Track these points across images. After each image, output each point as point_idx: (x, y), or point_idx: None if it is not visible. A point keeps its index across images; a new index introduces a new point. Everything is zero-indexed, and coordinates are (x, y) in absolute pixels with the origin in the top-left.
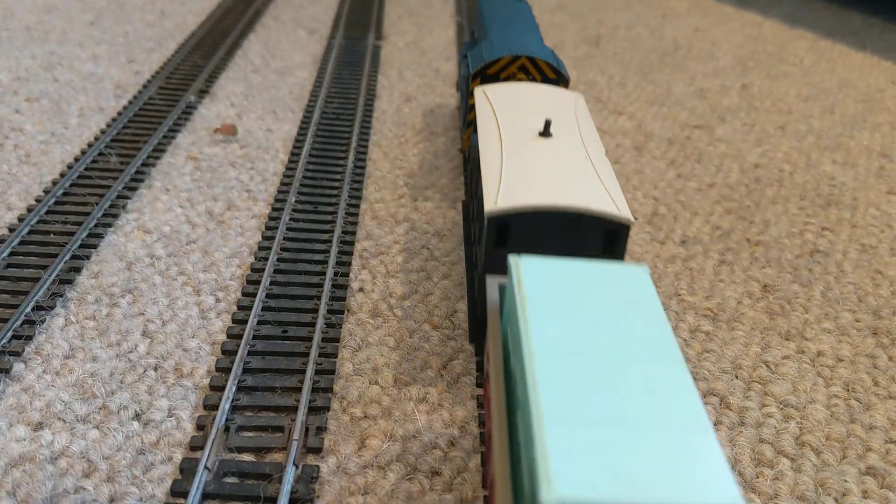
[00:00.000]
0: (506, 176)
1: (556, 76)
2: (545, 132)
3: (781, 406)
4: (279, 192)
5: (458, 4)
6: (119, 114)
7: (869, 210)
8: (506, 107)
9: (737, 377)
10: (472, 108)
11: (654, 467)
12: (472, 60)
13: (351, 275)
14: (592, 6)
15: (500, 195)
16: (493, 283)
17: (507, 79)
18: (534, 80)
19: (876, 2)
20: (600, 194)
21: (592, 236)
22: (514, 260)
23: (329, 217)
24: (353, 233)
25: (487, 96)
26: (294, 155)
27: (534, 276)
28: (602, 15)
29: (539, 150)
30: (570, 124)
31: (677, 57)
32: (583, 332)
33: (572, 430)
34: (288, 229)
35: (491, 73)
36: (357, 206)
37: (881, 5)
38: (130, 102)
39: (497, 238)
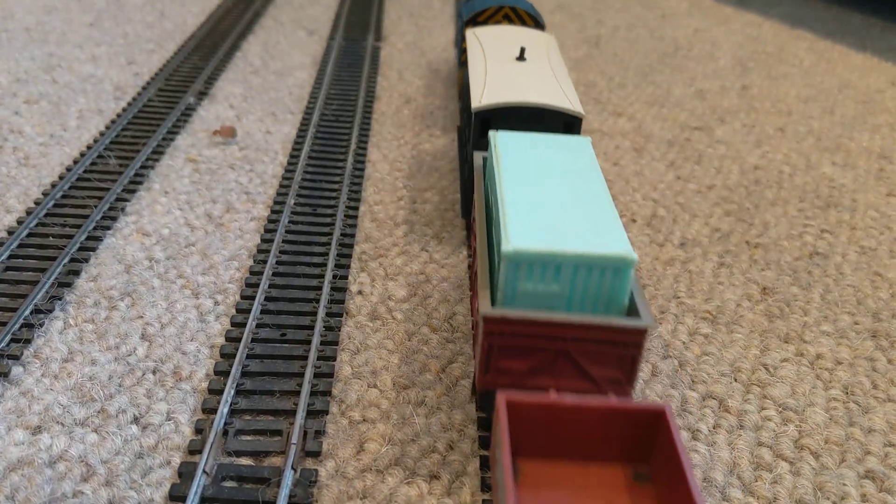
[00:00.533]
0: (488, 84)
1: (533, 23)
2: (520, 57)
3: (780, 409)
4: (278, 194)
5: (457, 5)
6: (118, 115)
7: (868, 212)
8: (490, 41)
9: (736, 380)
10: (465, 50)
11: (576, 236)
12: (465, 11)
13: (350, 277)
14: (592, 7)
15: (483, 97)
16: (478, 157)
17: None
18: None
19: (876, 2)
20: (560, 96)
21: (554, 127)
22: (492, 133)
23: (328, 219)
24: (352, 235)
25: (476, 35)
26: (293, 157)
27: (506, 142)
28: (602, 15)
29: (514, 68)
30: (541, 54)
31: (677, 58)
32: (538, 173)
33: (525, 219)
34: (287, 232)
35: (480, 20)
36: (356, 208)
37: (881, 5)
38: (130, 104)
39: (481, 129)
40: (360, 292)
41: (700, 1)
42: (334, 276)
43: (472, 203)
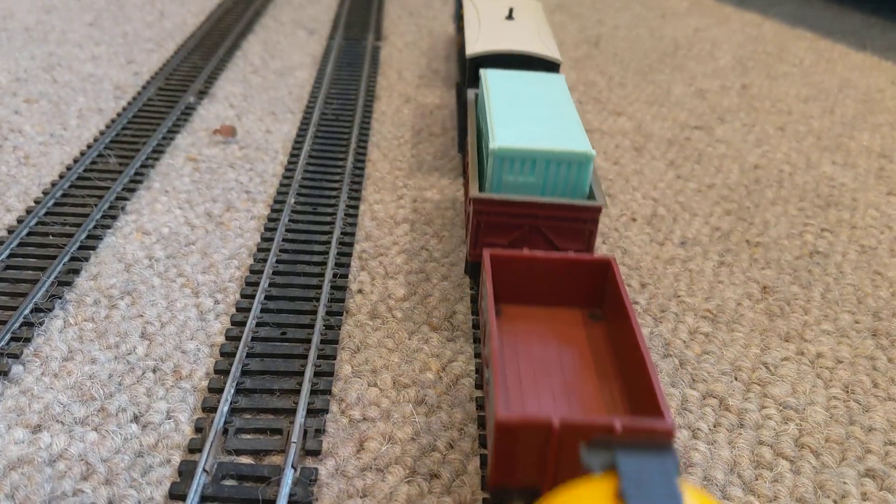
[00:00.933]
0: (480, 37)
1: None
2: (509, 16)
3: (781, 408)
4: (278, 193)
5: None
6: (118, 115)
7: (869, 211)
8: (484, 5)
9: (736, 379)
10: (462, 17)
11: (548, 138)
12: None
13: (350, 276)
14: (592, 6)
15: (476, 45)
16: (470, 93)
17: None
18: None
19: (876, 1)
20: (541, 46)
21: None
22: (482, 70)
23: (328, 218)
24: (353, 234)
25: (472, 2)
26: (293, 156)
27: (493, 76)
28: (602, 15)
29: (504, 25)
30: (527, 16)
31: (677, 57)
32: (519, 98)
33: (508, 127)
34: (287, 230)
35: None
36: (356, 207)
37: (881, 5)
38: (130, 103)
39: (474, 72)
40: (360, 291)
41: (700, 0)
42: (334, 275)
43: (465, 137)
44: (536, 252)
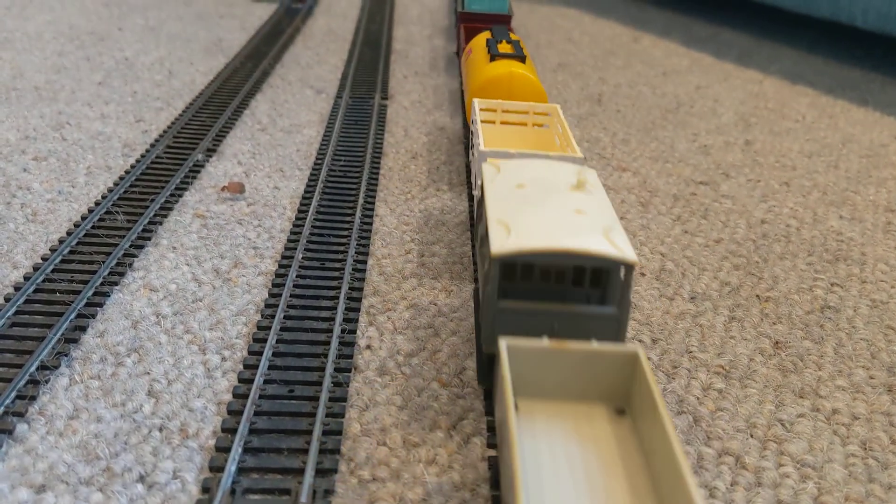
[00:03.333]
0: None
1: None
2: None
3: (798, 465)
4: (286, 248)
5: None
6: (127, 172)
7: (878, 265)
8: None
9: (752, 436)
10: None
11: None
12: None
13: (358, 332)
14: (593, 65)
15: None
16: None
17: None
18: None
19: (875, 57)
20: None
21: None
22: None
23: (336, 273)
24: (360, 289)
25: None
26: (301, 212)
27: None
28: (603, 73)
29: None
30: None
31: (680, 114)
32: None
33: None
34: (295, 286)
35: None
36: (364, 262)
37: (881, 61)
38: (138, 161)
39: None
40: (368, 347)
41: (700, 58)
42: (342, 331)
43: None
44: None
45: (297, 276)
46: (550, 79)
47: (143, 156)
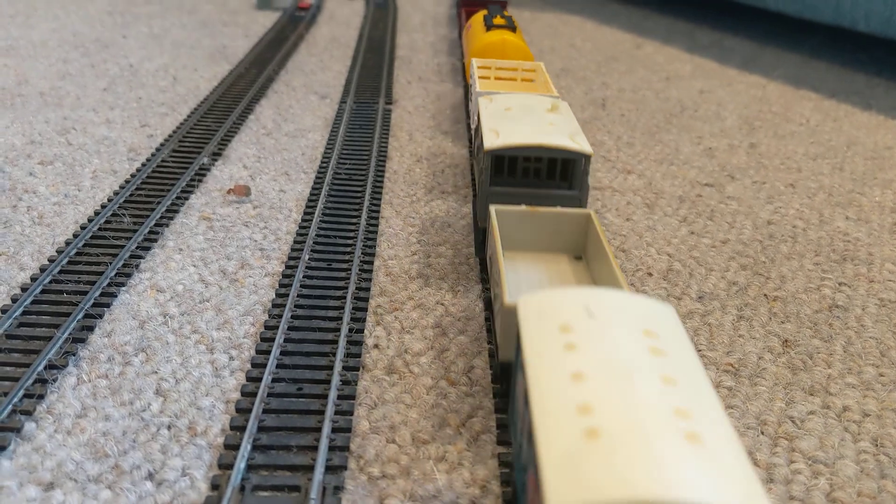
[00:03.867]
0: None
1: None
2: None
3: (810, 462)
4: (293, 250)
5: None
6: (132, 175)
7: (885, 265)
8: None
9: (762, 433)
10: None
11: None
12: None
13: (366, 331)
14: (597, 70)
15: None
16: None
17: None
18: None
19: (879, 62)
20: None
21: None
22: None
23: (343, 274)
24: (367, 289)
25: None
26: (307, 214)
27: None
28: (606, 78)
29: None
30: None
31: (683, 118)
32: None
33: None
34: (302, 286)
35: None
36: (370, 262)
37: (884, 65)
38: (144, 165)
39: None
40: (376, 346)
41: (703, 64)
42: (350, 330)
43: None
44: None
45: (303, 277)
46: (554, 84)
47: (148, 160)
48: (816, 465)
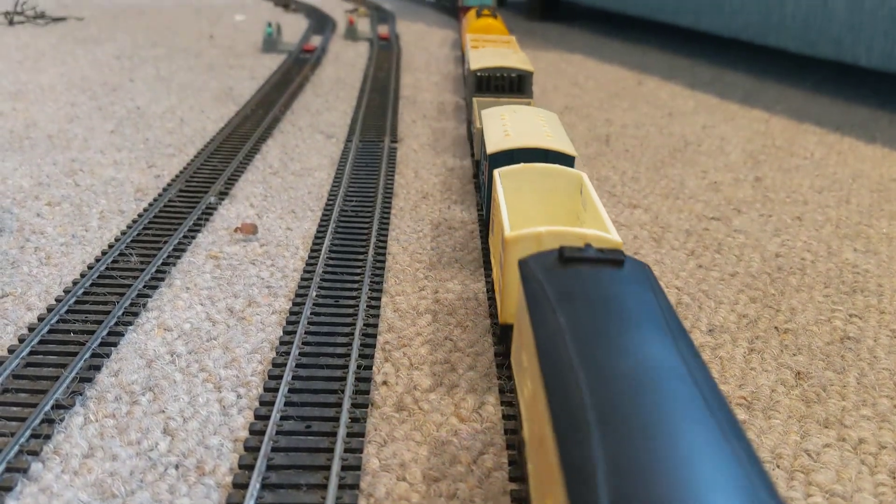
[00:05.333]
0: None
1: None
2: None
3: (828, 495)
4: (300, 287)
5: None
6: (139, 216)
7: (895, 297)
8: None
9: (778, 467)
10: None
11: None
12: None
13: (374, 368)
14: (599, 107)
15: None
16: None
17: None
18: None
19: (882, 95)
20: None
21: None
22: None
23: (350, 310)
24: (375, 325)
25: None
26: (314, 251)
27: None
28: (609, 115)
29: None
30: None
31: (688, 152)
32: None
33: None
34: (309, 324)
35: None
36: (378, 298)
37: (887, 98)
38: (151, 205)
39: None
40: (384, 383)
41: (705, 99)
42: (358, 367)
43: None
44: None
45: (311, 314)
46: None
47: (155, 199)
48: (834, 498)
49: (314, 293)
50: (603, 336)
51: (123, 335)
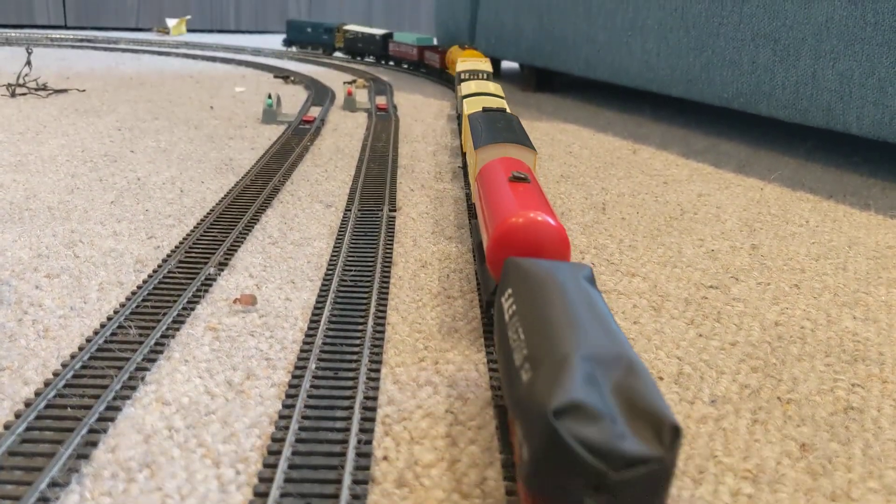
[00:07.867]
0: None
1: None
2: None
3: None
4: (299, 359)
5: (466, 179)
6: (139, 287)
7: None
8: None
9: None
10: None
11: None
12: None
13: (374, 442)
14: (595, 176)
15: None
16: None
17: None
18: None
19: (873, 163)
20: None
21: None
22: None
23: (350, 383)
24: (375, 398)
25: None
26: (313, 322)
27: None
28: (605, 183)
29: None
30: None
31: (684, 220)
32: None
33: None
34: (309, 397)
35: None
36: (377, 370)
37: (879, 166)
38: (150, 276)
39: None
40: (385, 458)
41: (700, 168)
42: (358, 442)
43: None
44: None
45: (310, 387)
46: (554, 189)
47: (155, 271)
48: None
49: (313, 365)
50: None
51: (121, 409)
